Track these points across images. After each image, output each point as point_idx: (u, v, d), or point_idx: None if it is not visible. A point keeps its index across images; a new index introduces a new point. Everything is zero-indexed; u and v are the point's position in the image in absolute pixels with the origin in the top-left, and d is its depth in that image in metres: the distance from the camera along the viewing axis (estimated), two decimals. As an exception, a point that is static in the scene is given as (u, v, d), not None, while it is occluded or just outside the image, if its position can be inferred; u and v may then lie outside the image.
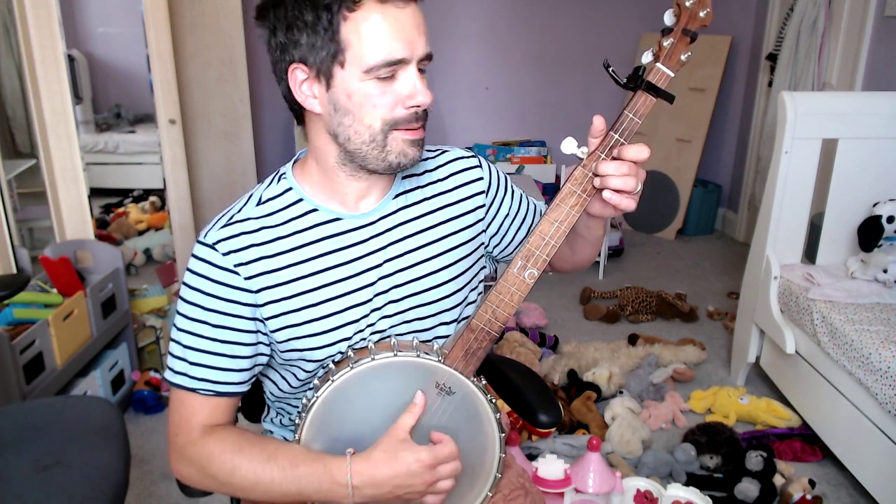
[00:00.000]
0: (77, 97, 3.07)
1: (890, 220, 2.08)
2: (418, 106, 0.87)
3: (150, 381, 2.41)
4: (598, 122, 0.88)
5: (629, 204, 0.89)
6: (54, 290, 2.15)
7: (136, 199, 3.35)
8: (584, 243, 1.04)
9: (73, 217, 2.38)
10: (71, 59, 2.39)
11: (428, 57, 0.88)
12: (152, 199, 3.29)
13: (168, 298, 2.72)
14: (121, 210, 3.30)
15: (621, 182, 0.87)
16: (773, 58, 3.55)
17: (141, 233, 3.23)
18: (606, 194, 0.88)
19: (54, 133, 2.27)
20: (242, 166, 3.35)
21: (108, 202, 3.36)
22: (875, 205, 2.15)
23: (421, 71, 0.88)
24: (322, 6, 0.82)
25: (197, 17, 3.06)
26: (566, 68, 4.45)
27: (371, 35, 0.83)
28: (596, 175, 0.89)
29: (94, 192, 2.56)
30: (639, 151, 0.87)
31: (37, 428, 1.31)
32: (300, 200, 0.96)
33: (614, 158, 0.88)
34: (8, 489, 1.15)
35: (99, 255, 2.37)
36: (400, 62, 0.84)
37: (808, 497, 1.87)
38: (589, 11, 4.36)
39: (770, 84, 3.61)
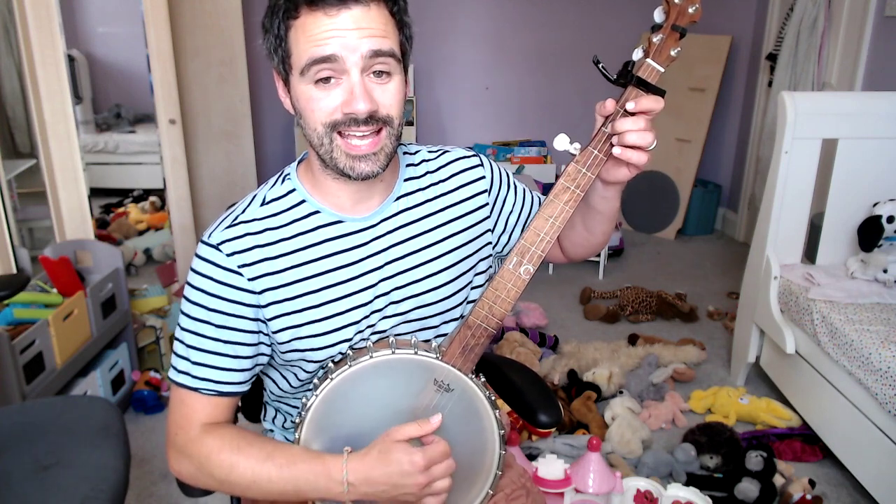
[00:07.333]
0: (77, 97, 3.08)
1: (890, 220, 2.08)
2: (353, 112, 0.85)
3: (150, 381, 2.41)
4: (610, 103, 0.88)
5: (640, 158, 0.87)
6: (54, 290, 2.14)
7: (136, 199, 3.36)
8: (600, 219, 1.02)
9: (73, 217, 2.38)
10: (71, 59, 2.39)
11: (376, 53, 0.83)
12: (152, 199, 3.29)
13: (168, 298, 2.72)
14: (121, 210, 3.31)
15: (637, 137, 0.85)
16: (773, 58, 3.55)
17: (141, 233, 3.23)
18: (617, 150, 0.87)
19: (54, 133, 2.27)
20: (242, 166, 3.35)
21: (108, 202, 3.37)
22: (875, 205, 2.15)
23: (379, 73, 0.85)
24: (275, 13, 0.86)
25: (197, 17, 3.06)
26: (566, 68, 4.45)
27: (302, 38, 0.84)
28: (612, 134, 0.87)
29: (94, 192, 2.56)
30: (655, 102, 0.86)
31: (37, 428, 1.31)
32: (303, 202, 0.96)
33: (630, 113, 0.86)
34: (8, 489, 1.15)
35: (99, 255, 2.37)
36: (326, 59, 0.82)
37: (808, 497, 1.87)
38: (589, 11, 4.36)
39: (770, 84, 3.61)
